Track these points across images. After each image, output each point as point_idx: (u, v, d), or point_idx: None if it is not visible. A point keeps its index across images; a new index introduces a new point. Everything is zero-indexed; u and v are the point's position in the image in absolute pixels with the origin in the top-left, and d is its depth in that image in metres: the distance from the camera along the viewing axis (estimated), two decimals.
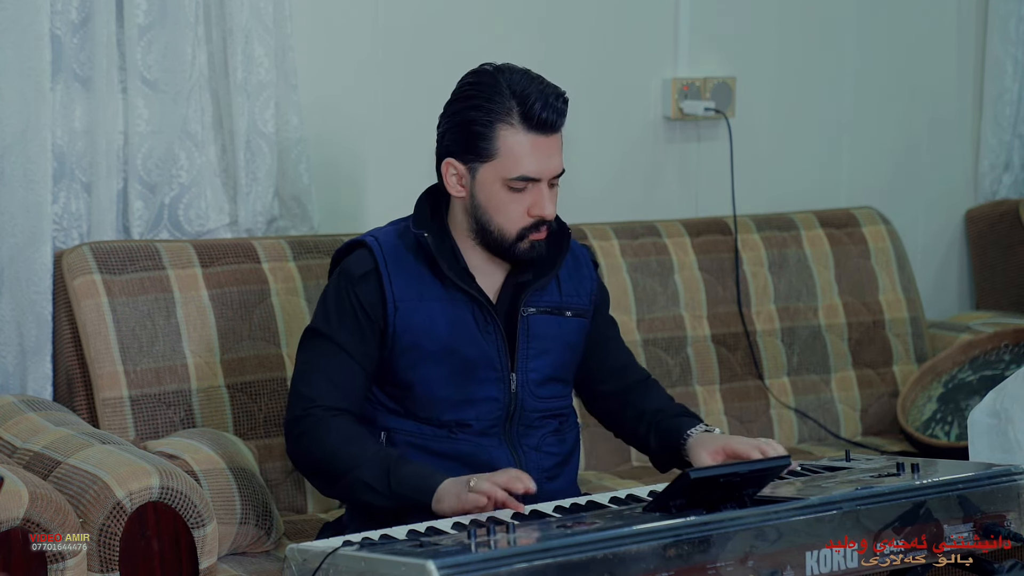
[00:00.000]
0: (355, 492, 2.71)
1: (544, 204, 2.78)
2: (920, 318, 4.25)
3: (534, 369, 2.87)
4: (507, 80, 2.77)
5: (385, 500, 2.68)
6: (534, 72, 2.81)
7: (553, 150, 2.79)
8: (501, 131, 2.76)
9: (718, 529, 2.39)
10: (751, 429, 3.91)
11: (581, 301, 2.94)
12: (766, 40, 4.29)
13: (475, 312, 2.82)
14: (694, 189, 4.20)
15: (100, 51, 3.24)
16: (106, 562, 2.60)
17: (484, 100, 2.76)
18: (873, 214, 4.28)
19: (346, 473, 2.71)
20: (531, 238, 2.80)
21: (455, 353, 2.81)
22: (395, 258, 2.82)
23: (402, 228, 2.87)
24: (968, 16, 4.65)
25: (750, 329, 3.96)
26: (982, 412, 3.29)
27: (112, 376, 3.13)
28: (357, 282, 2.81)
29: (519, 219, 2.79)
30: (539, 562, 2.23)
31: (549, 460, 2.89)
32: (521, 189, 2.77)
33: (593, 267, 3.01)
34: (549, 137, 2.77)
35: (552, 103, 2.76)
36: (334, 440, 2.74)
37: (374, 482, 2.68)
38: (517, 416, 2.86)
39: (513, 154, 2.76)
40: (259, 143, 3.44)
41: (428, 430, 2.82)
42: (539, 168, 2.77)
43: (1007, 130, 4.67)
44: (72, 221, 3.30)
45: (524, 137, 2.75)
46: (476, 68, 2.85)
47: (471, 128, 2.77)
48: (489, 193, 2.78)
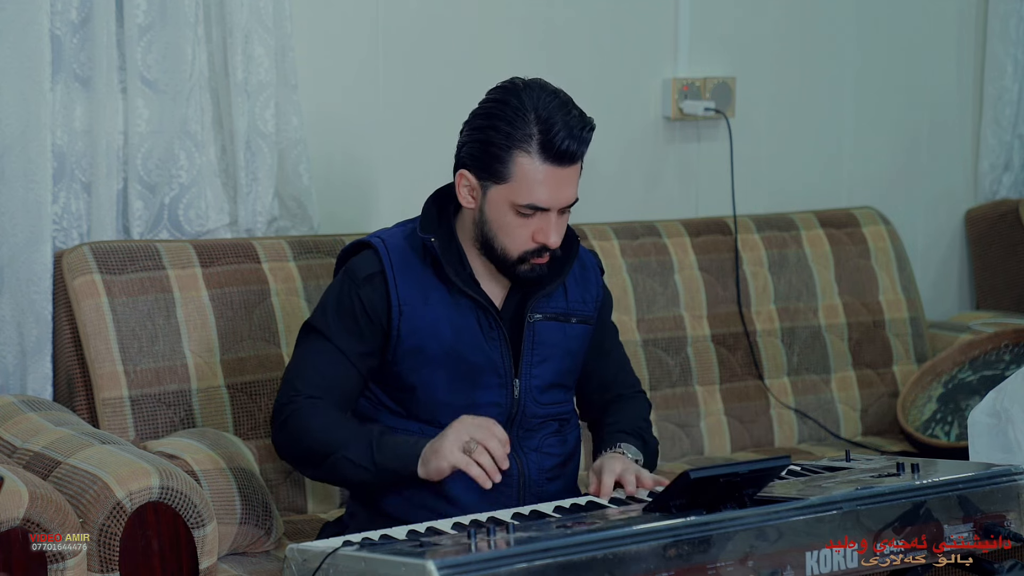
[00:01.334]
0: (341, 471, 2.74)
1: (550, 233, 2.76)
2: (920, 318, 4.24)
3: (537, 375, 2.87)
4: (533, 103, 2.72)
5: (370, 475, 2.71)
6: (563, 95, 2.76)
7: (568, 181, 2.75)
8: (518, 157, 2.72)
9: (718, 529, 2.39)
10: (751, 429, 3.91)
11: (587, 308, 2.94)
12: (766, 40, 4.29)
13: (480, 318, 2.82)
14: (694, 189, 4.20)
15: (100, 51, 3.24)
16: (106, 562, 2.60)
17: (505, 122, 2.72)
18: (873, 214, 4.27)
19: (331, 454, 2.73)
20: (532, 261, 2.79)
21: (459, 358, 2.81)
22: (401, 261, 2.82)
23: (409, 231, 2.86)
24: (968, 16, 4.65)
25: (750, 329, 3.96)
26: (982, 412, 3.29)
27: (112, 376, 3.13)
28: (361, 283, 2.81)
29: (523, 243, 2.77)
30: (539, 562, 2.23)
31: (550, 461, 2.89)
32: (529, 215, 2.75)
33: (600, 273, 3.01)
34: (565, 168, 2.74)
35: (576, 134, 2.72)
36: (318, 423, 2.76)
37: (358, 458, 2.71)
38: (519, 420, 2.86)
39: (526, 181, 2.73)
40: (259, 143, 3.44)
41: (431, 430, 2.82)
42: (550, 198, 2.74)
43: (1007, 130, 4.67)
44: (72, 221, 3.30)
45: (540, 166, 2.72)
46: (505, 83, 2.79)
47: (488, 148, 2.74)
48: (497, 213, 2.77)
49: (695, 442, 3.84)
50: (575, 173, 2.77)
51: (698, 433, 3.85)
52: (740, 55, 4.23)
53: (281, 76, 3.45)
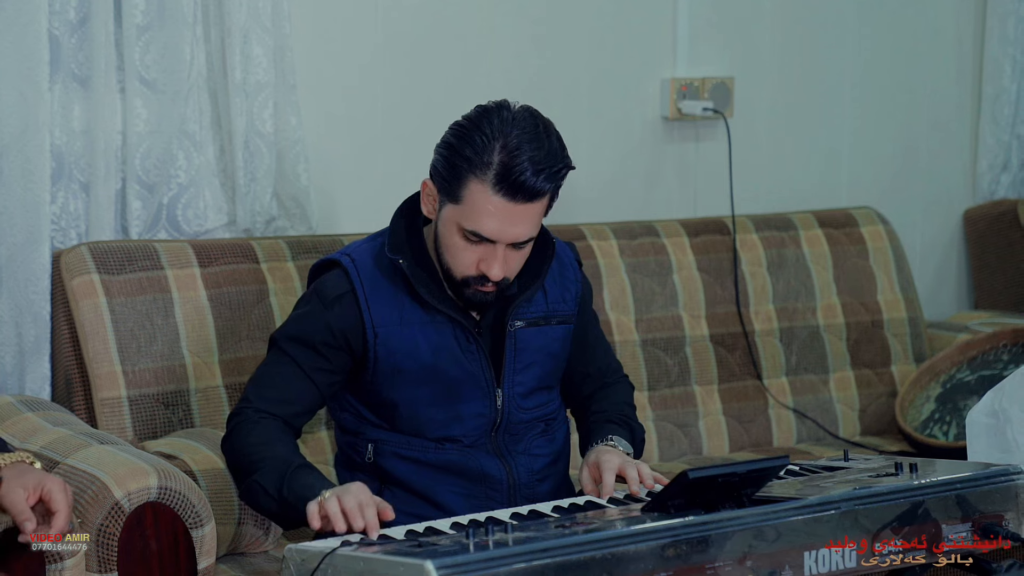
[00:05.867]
0: (254, 494, 2.67)
1: (492, 265, 2.68)
2: (918, 318, 4.25)
3: (520, 383, 2.85)
4: (504, 132, 2.64)
5: (275, 504, 2.63)
6: (546, 129, 2.67)
7: (522, 218, 2.66)
8: (472, 183, 2.65)
9: (716, 529, 2.39)
10: (749, 429, 3.91)
11: (567, 307, 2.92)
12: (764, 40, 4.29)
13: (456, 333, 2.79)
14: (692, 189, 4.20)
15: (98, 51, 3.24)
16: (104, 562, 2.60)
17: (470, 146, 2.65)
18: (871, 214, 4.28)
19: (250, 474, 2.68)
20: (475, 287, 2.73)
21: (439, 374, 2.79)
22: (372, 282, 2.77)
23: (378, 248, 2.80)
24: (966, 16, 4.65)
25: (748, 329, 3.96)
26: (980, 412, 3.29)
27: (110, 376, 3.13)
28: (331, 304, 2.77)
29: (467, 267, 2.71)
30: (537, 562, 2.23)
31: (539, 462, 2.89)
32: (475, 242, 2.69)
33: (578, 266, 2.97)
34: (520, 205, 2.65)
35: (540, 171, 2.63)
36: (253, 440, 2.71)
37: (268, 486, 2.63)
38: (503, 427, 2.85)
39: (475, 208, 2.65)
40: (257, 143, 3.44)
41: (417, 442, 2.81)
42: (497, 231, 2.66)
43: (1005, 130, 4.67)
44: (70, 221, 3.30)
45: (492, 197, 2.64)
46: (490, 105, 2.70)
47: (450, 166, 2.68)
48: (447, 232, 2.72)
49: (693, 442, 3.84)
50: (533, 211, 2.67)
51: (696, 433, 3.85)
52: (739, 55, 4.23)
53: (279, 76, 3.45)
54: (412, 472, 2.81)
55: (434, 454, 2.81)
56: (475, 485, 2.82)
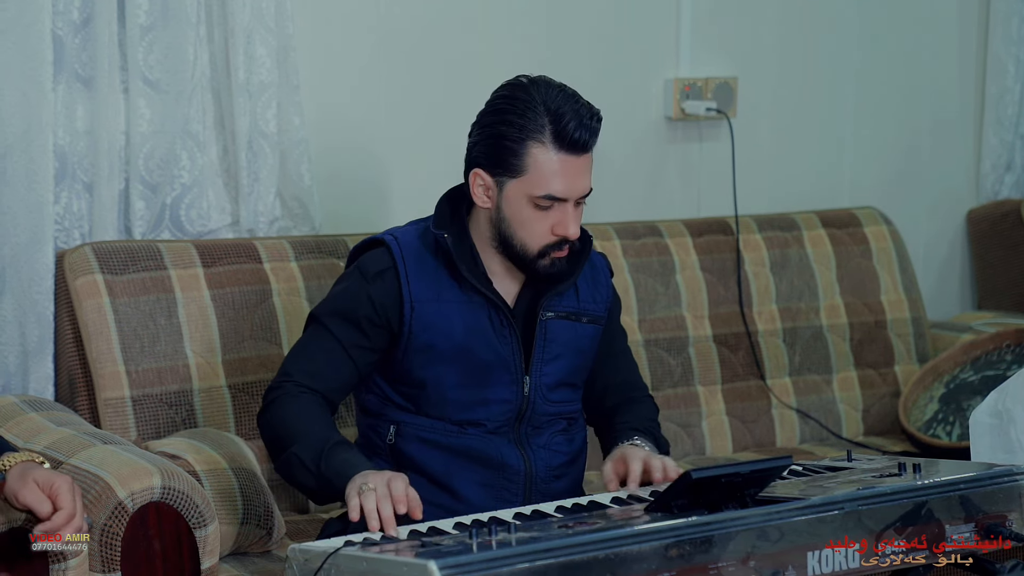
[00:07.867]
0: (290, 467, 2.69)
1: (568, 224, 2.77)
2: (922, 318, 4.24)
3: (548, 373, 2.88)
4: (542, 96, 2.75)
5: (313, 480, 2.66)
6: (569, 88, 2.79)
7: (582, 170, 2.77)
8: (532, 148, 2.74)
9: (720, 529, 2.39)
10: (753, 429, 3.91)
11: (597, 308, 2.95)
12: (768, 40, 4.29)
13: (492, 315, 2.83)
14: (696, 189, 4.20)
15: (102, 51, 3.24)
16: (108, 562, 2.60)
17: (517, 115, 2.74)
18: (875, 214, 4.27)
19: (289, 446, 2.70)
20: (553, 255, 2.79)
21: (470, 355, 2.82)
22: (414, 258, 2.82)
23: (422, 229, 2.87)
24: (970, 16, 4.65)
25: (752, 329, 3.96)
26: (984, 412, 3.29)
27: (114, 376, 3.13)
28: (372, 279, 2.81)
29: (543, 236, 2.78)
30: (541, 562, 2.23)
31: (557, 459, 2.90)
32: (547, 207, 2.76)
33: (609, 275, 3.02)
34: (579, 157, 2.76)
35: (586, 123, 2.75)
36: (292, 413, 2.73)
37: (307, 460, 2.66)
38: (527, 417, 2.87)
39: (542, 172, 2.74)
40: (261, 143, 3.45)
41: (439, 425, 2.82)
42: (567, 188, 2.75)
43: (1009, 130, 4.66)
44: (74, 221, 3.30)
45: (555, 156, 2.74)
46: (511, 80, 2.81)
47: (502, 143, 2.75)
48: (515, 208, 2.78)
49: (697, 442, 3.84)
50: (588, 163, 2.78)
51: (700, 433, 3.85)
52: (742, 55, 4.23)
53: (283, 76, 3.45)
54: (432, 458, 2.82)
55: (456, 438, 2.82)
56: (493, 473, 2.83)
